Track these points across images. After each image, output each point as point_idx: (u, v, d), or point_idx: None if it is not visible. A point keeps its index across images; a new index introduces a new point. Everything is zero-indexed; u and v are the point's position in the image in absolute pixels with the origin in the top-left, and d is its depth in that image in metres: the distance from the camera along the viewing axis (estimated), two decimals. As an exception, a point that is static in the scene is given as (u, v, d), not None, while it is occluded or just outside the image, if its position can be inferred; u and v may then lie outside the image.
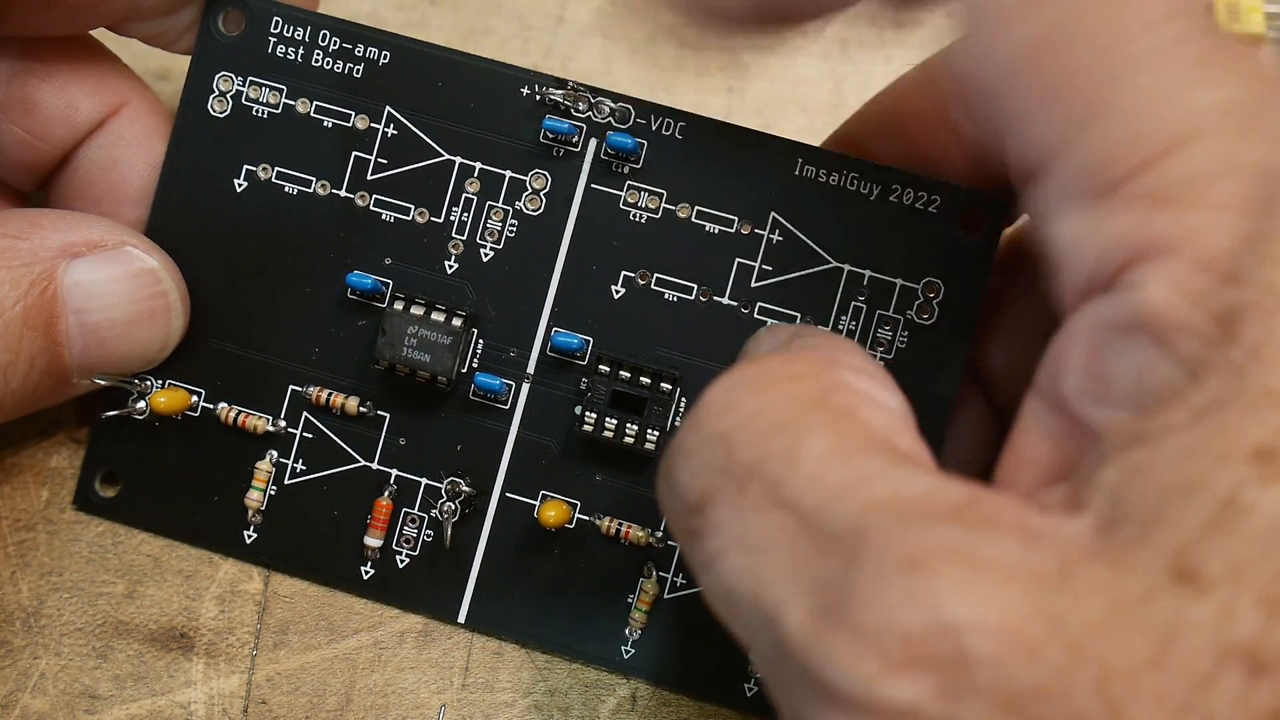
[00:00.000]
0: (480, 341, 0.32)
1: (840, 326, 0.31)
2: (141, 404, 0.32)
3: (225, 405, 0.32)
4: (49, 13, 0.30)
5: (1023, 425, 0.24)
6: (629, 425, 0.31)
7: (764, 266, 0.31)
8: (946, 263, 0.31)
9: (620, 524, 0.31)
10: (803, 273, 0.31)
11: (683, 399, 0.31)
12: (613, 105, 0.31)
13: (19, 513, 0.34)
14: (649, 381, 0.30)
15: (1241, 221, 0.21)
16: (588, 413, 0.31)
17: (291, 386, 0.32)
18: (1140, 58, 0.22)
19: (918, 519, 0.21)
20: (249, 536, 0.32)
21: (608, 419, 0.31)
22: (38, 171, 0.32)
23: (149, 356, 0.31)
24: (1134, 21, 0.22)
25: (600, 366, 0.31)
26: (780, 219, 0.31)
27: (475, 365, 0.32)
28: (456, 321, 0.31)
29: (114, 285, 0.30)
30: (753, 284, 0.31)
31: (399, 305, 0.31)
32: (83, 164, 0.32)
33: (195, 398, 0.32)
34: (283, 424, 0.32)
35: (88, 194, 0.32)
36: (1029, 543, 0.20)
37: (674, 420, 0.31)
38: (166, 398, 0.31)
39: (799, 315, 0.31)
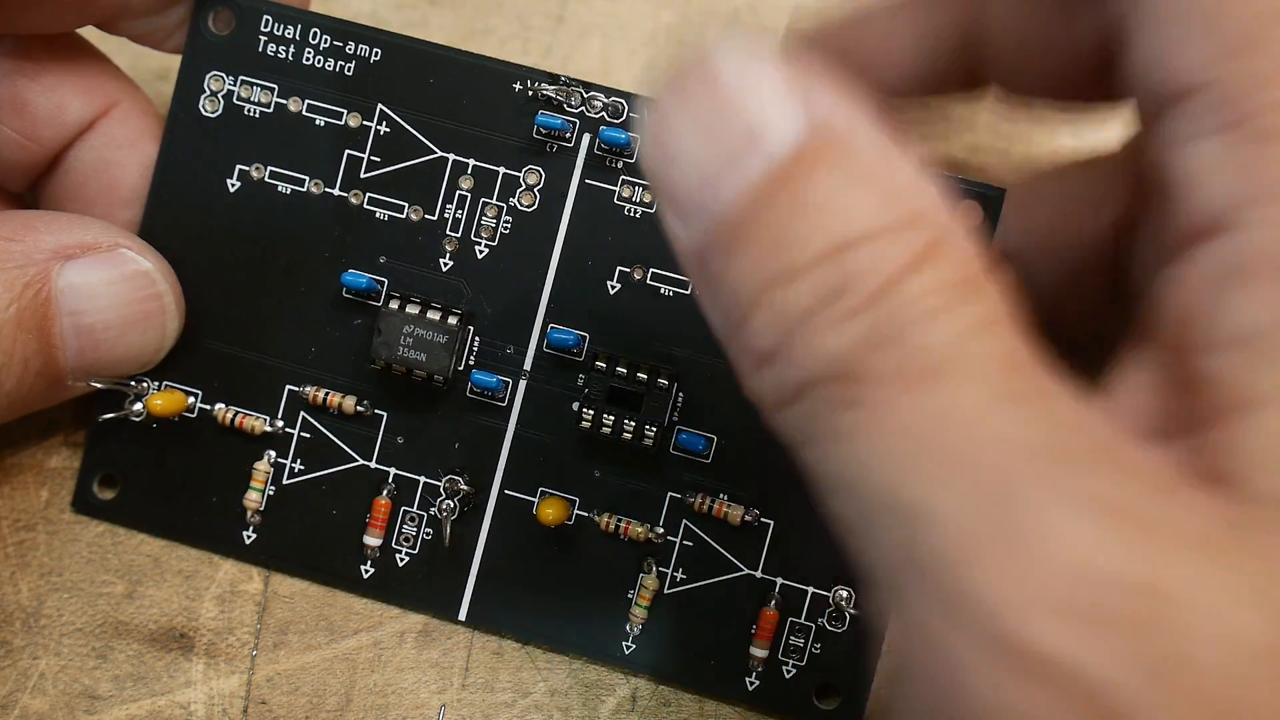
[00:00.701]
0: (476, 339, 0.32)
1: (838, 319, 0.31)
2: (138, 406, 0.32)
3: (222, 406, 0.32)
4: (37, 9, 0.30)
5: (1124, 376, 0.22)
6: (627, 421, 0.31)
7: None
8: None
9: (619, 520, 0.31)
10: None
11: (680, 394, 0.31)
12: (605, 100, 0.31)
13: (19, 513, 0.34)
14: (646, 377, 0.31)
15: None
16: (585, 409, 0.31)
17: (288, 386, 0.32)
18: None
19: (1095, 448, 0.19)
20: (248, 537, 0.32)
21: (605, 415, 0.31)
22: (29, 173, 0.32)
23: (144, 359, 0.31)
24: None
25: (597, 363, 0.31)
26: None
27: (472, 363, 0.32)
28: (452, 320, 0.31)
29: (108, 287, 0.30)
30: None
31: (394, 304, 0.31)
32: (74, 165, 0.32)
33: (192, 399, 0.32)
34: (280, 424, 0.32)
35: (80, 195, 0.32)
36: (1213, 522, 0.19)
37: (671, 415, 0.31)
38: (163, 400, 0.31)
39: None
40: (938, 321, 0.20)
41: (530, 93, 0.31)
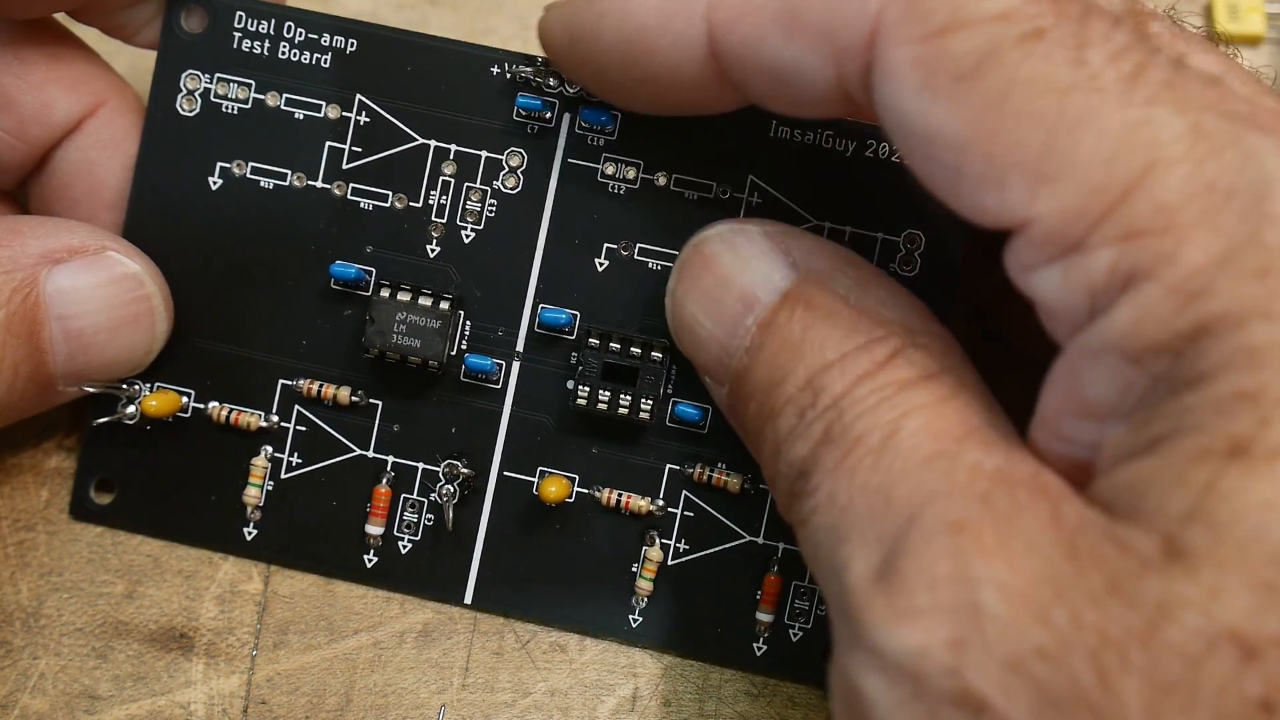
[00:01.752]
0: (468, 323, 0.32)
1: (825, 284, 0.31)
2: (131, 409, 0.32)
3: (216, 404, 0.32)
4: None
5: (1031, 441, 0.25)
6: (623, 396, 0.31)
7: None
8: (926, 215, 0.31)
9: (620, 494, 0.32)
10: None
11: (673, 366, 0.31)
12: (583, 79, 0.32)
13: (19, 513, 0.34)
14: (639, 352, 0.31)
15: (1213, 239, 0.21)
16: (580, 386, 0.31)
17: (281, 381, 0.32)
18: (1088, 107, 0.22)
19: (976, 495, 0.23)
20: (249, 533, 0.32)
21: (601, 391, 0.31)
22: (16, 172, 0.33)
23: (134, 361, 0.32)
24: (1073, 74, 0.22)
25: (590, 340, 0.31)
26: (758, 181, 0.31)
27: (464, 347, 0.32)
28: (444, 305, 0.31)
29: (96, 291, 0.30)
30: None
31: (384, 292, 0.31)
32: (60, 166, 0.32)
33: (185, 399, 0.32)
34: (275, 419, 0.32)
35: (65, 196, 0.32)
36: (1056, 527, 0.22)
37: (666, 388, 0.31)
38: (158, 400, 0.32)
39: (783, 275, 0.31)
40: (878, 411, 0.25)
41: (509, 75, 0.32)
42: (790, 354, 0.26)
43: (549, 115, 0.32)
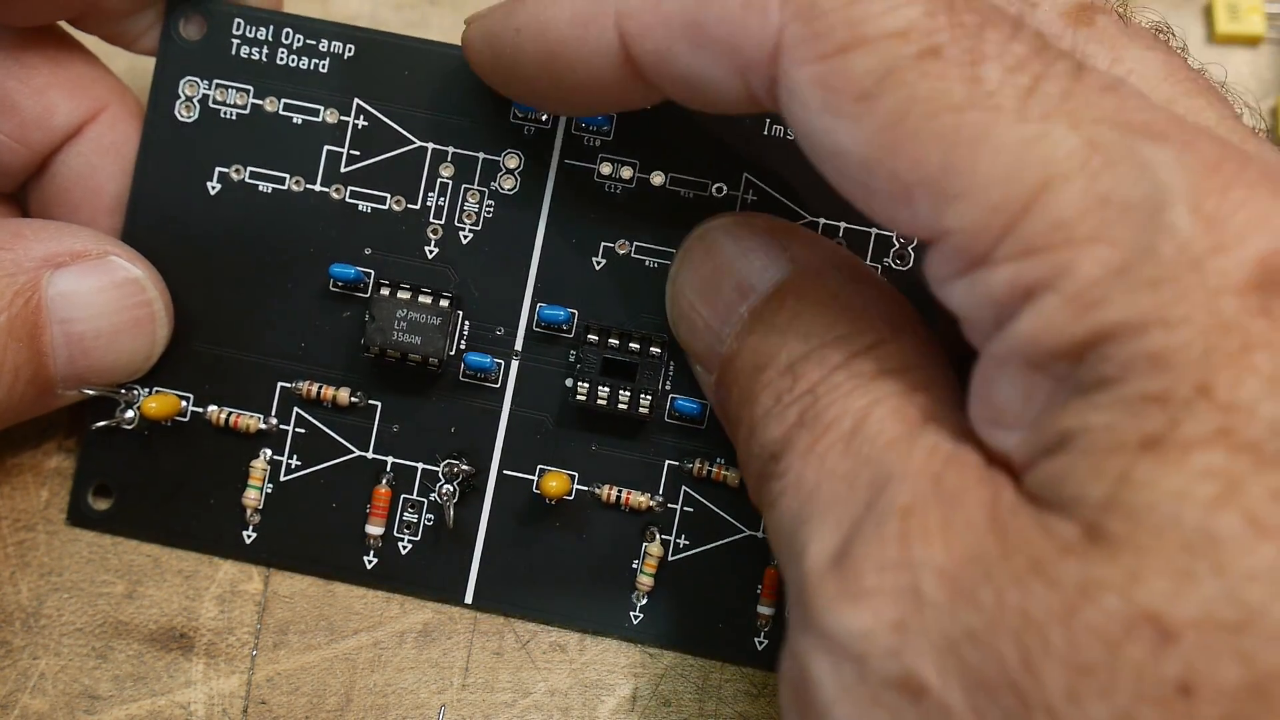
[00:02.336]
0: (466, 323, 0.32)
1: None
2: (130, 413, 0.32)
3: (215, 408, 0.33)
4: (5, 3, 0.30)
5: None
6: (622, 391, 0.31)
7: None
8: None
9: (620, 490, 0.32)
10: None
11: (671, 361, 0.32)
12: (579, 80, 0.32)
13: (19, 513, 0.34)
14: (638, 347, 0.31)
15: (1109, 252, 0.22)
16: (580, 383, 0.31)
17: (280, 383, 0.33)
18: (983, 125, 0.22)
19: (928, 481, 0.23)
20: (249, 536, 0.33)
21: (600, 387, 0.31)
22: (17, 175, 0.33)
23: (134, 366, 0.32)
24: (968, 91, 0.23)
25: (589, 336, 0.31)
26: (753, 179, 0.32)
27: (463, 346, 0.32)
28: (444, 302, 0.31)
29: (98, 295, 0.30)
30: None
31: (385, 291, 0.32)
32: (61, 170, 0.32)
33: (184, 403, 0.33)
34: (274, 421, 0.33)
35: (65, 200, 0.32)
36: (993, 511, 0.22)
37: (665, 383, 0.32)
38: (157, 403, 0.32)
39: (779, 271, 0.32)
40: (851, 398, 0.25)
41: None
42: (775, 341, 0.27)
43: (545, 117, 0.32)
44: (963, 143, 0.22)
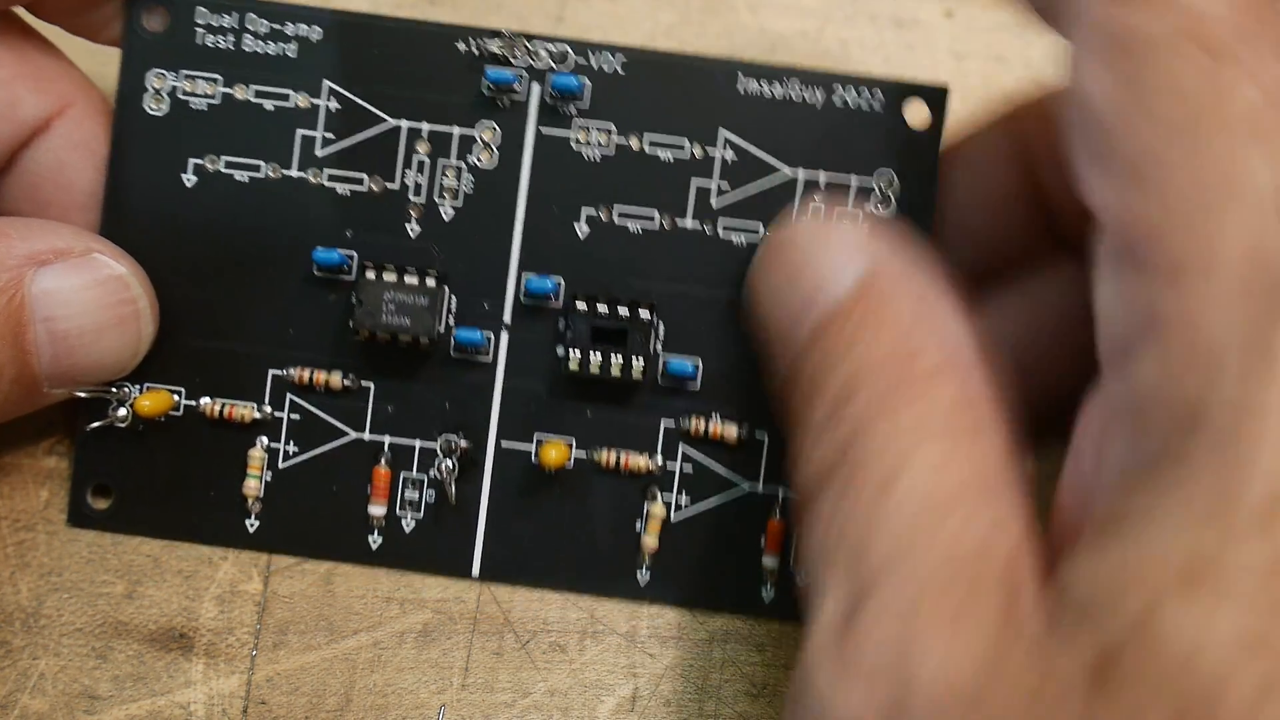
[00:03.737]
0: (453, 298, 0.33)
1: (803, 232, 0.32)
2: (123, 411, 0.32)
3: (208, 400, 0.33)
4: None
5: (1062, 489, 0.25)
6: (613, 357, 0.32)
7: (721, 185, 0.32)
8: (897, 153, 0.32)
9: (619, 454, 0.32)
10: (760, 185, 0.32)
11: (660, 323, 0.32)
12: (551, 49, 0.32)
13: (18, 513, 0.34)
14: (627, 313, 0.32)
15: (1241, 309, 0.21)
16: (571, 351, 0.32)
17: (271, 371, 0.33)
18: (1215, 131, 0.22)
19: (948, 564, 0.23)
20: (251, 526, 0.33)
21: (592, 354, 0.32)
22: None
23: (120, 364, 0.32)
24: (1221, 98, 0.22)
25: (577, 304, 0.32)
26: (730, 136, 0.32)
27: (451, 324, 0.33)
28: (430, 281, 0.32)
29: (82, 293, 0.31)
30: (713, 203, 0.32)
31: (370, 274, 0.32)
32: (29, 167, 0.32)
33: (176, 397, 0.33)
34: (268, 409, 0.33)
35: (35, 197, 0.32)
36: (1007, 616, 0.22)
37: (655, 345, 0.32)
38: (150, 400, 0.32)
39: (762, 225, 0.32)
40: (892, 439, 0.25)
41: (475, 51, 0.32)
42: (840, 350, 0.26)
43: (518, 87, 0.32)
44: (1177, 133, 0.22)
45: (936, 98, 0.32)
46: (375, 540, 0.33)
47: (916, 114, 0.32)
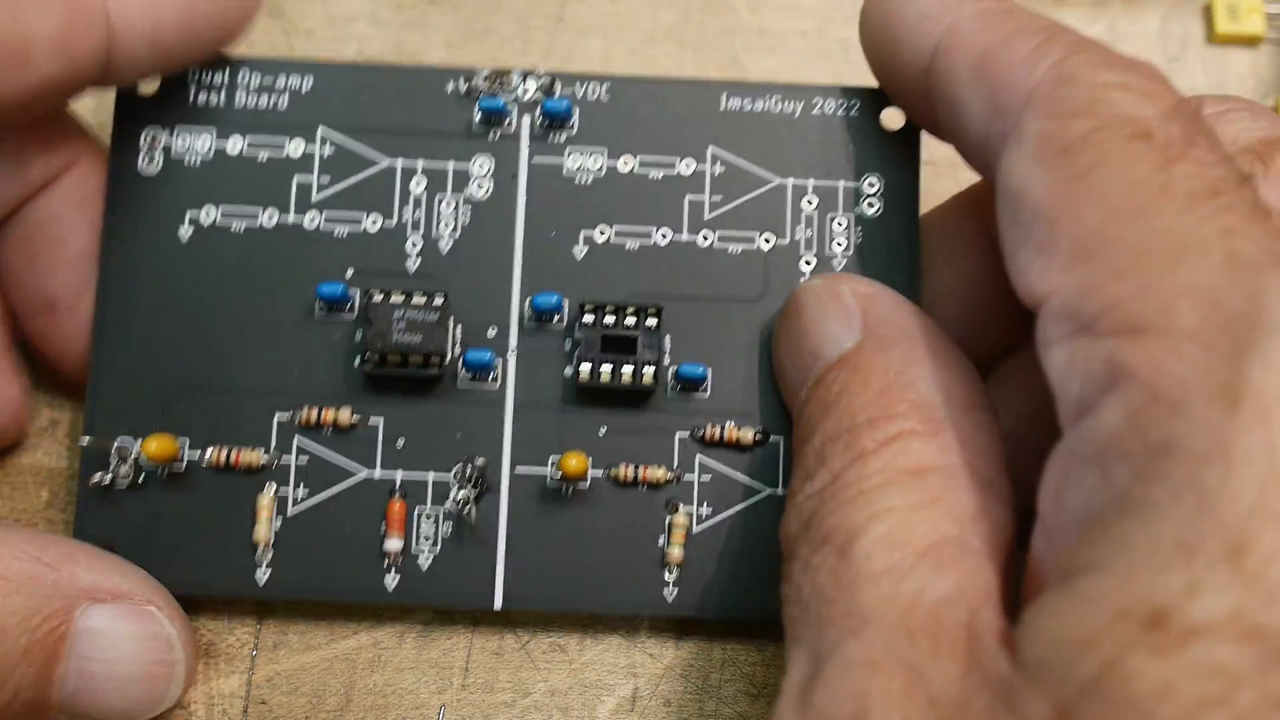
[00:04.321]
0: (459, 326, 0.33)
1: (798, 236, 0.33)
2: (125, 469, 0.32)
3: (214, 449, 0.32)
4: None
5: (1032, 543, 0.25)
6: (624, 366, 0.32)
7: (713, 198, 0.33)
8: (878, 157, 0.33)
9: (636, 467, 0.32)
10: (751, 195, 0.33)
11: (668, 335, 0.33)
12: (537, 82, 0.33)
13: (19, 513, 0.34)
14: (634, 321, 0.32)
15: (1203, 354, 0.22)
16: (582, 363, 0.32)
17: (277, 414, 0.32)
18: (1148, 205, 0.24)
19: (906, 624, 0.23)
20: (262, 577, 0.32)
21: (602, 364, 0.32)
22: None
23: (134, 714, 0.31)
24: (1152, 176, 0.24)
25: (585, 316, 0.32)
26: (718, 151, 0.33)
27: (457, 352, 0.33)
28: (438, 300, 0.32)
29: (126, 642, 0.30)
30: (706, 215, 0.33)
31: (378, 297, 0.32)
32: (26, 219, 0.32)
33: (181, 446, 0.32)
34: (276, 454, 0.32)
35: (26, 250, 0.32)
36: (966, 671, 0.22)
37: (665, 354, 0.32)
38: (157, 443, 0.31)
39: (757, 233, 0.33)
40: (851, 508, 0.26)
41: (463, 90, 0.33)
42: (819, 415, 0.28)
43: (509, 120, 0.33)
44: (1122, 214, 0.24)
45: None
46: (392, 580, 0.32)
47: (891, 118, 0.34)
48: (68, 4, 0.29)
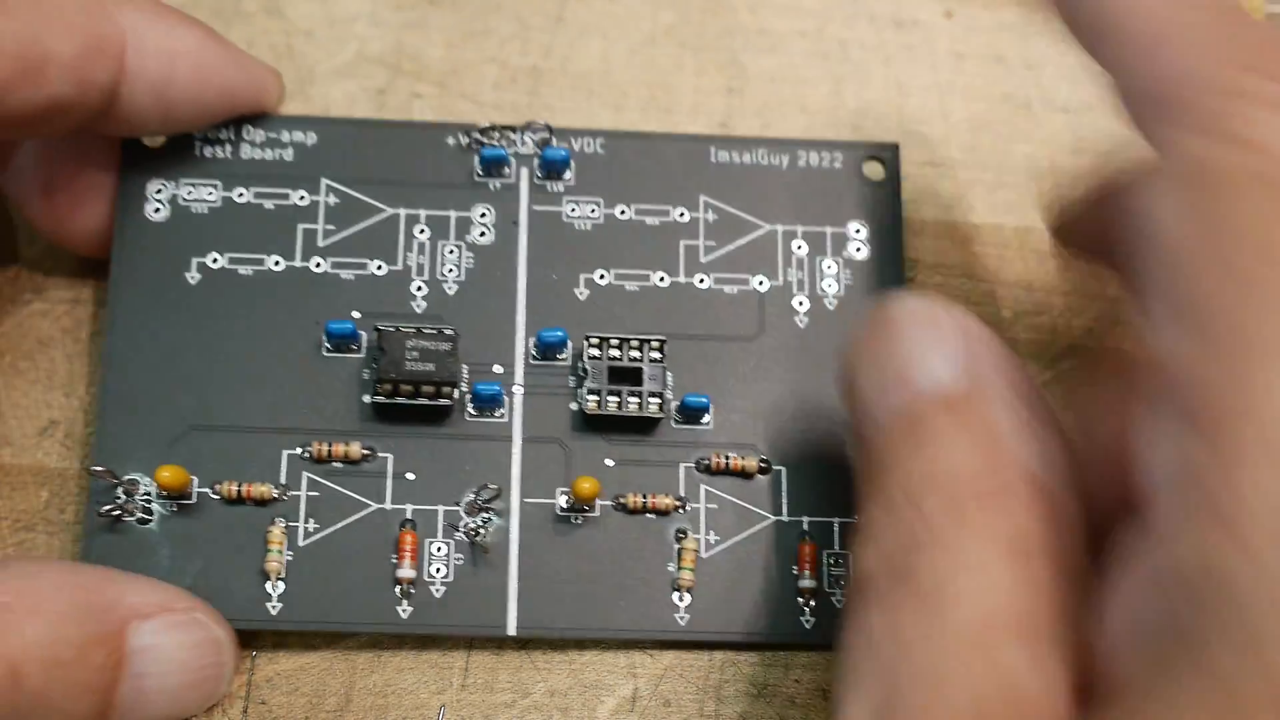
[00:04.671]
0: (464, 366, 0.33)
1: (790, 277, 0.35)
2: (133, 503, 0.32)
3: (225, 483, 0.32)
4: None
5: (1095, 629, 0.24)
6: (630, 396, 0.33)
7: (708, 243, 0.35)
8: (862, 205, 0.35)
9: (644, 497, 0.33)
10: (744, 240, 0.35)
11: (669, 373, 0.34)
12: (533, 136, 0.35)
13: (19, 513, 0.33)
14: (638, 354, 0.33)
15: (1270, 480, 0.20)
16: (588, 396, 0.33)
17: (285, 451, 0.33)
18: (1264, 281, 0.22)
19: (975, 702, 0.22)
20: (274, 608, 0.32)
21: (609, 396, 0.33)
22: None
23: (187, 714, 0.31)
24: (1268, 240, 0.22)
25: (590, 351, 0.33)
26: (710, 200, 0.35)
27: (464, 389, 0.33)
28: (449, 331, 0.33)
29: (178, 652, 0.30)
30: (702, 259, 0.35)
31: (389, 326, 0.32)
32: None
33: (193, 480, 0.32)
34: (284, 486, 0.32)
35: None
36: None
37: (667, 386, 0.33)
38: (170, 473, 0.31)
39: (751, 276, 0.35)
40: (943, 554, 0.24)
41: (464, 144, 0.35)
42: (910, 451, 0.26)
43: (508, 170, 0.35)
44: (1251, 283, 0.22)
45: (889, 155, 0.36)
46: (405, 610, 0.32)
47: (874, 170, 0.36)
48: (89, 33, 0.30)
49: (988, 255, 0.37)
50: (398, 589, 0.32)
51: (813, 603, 0.33)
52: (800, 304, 0.35)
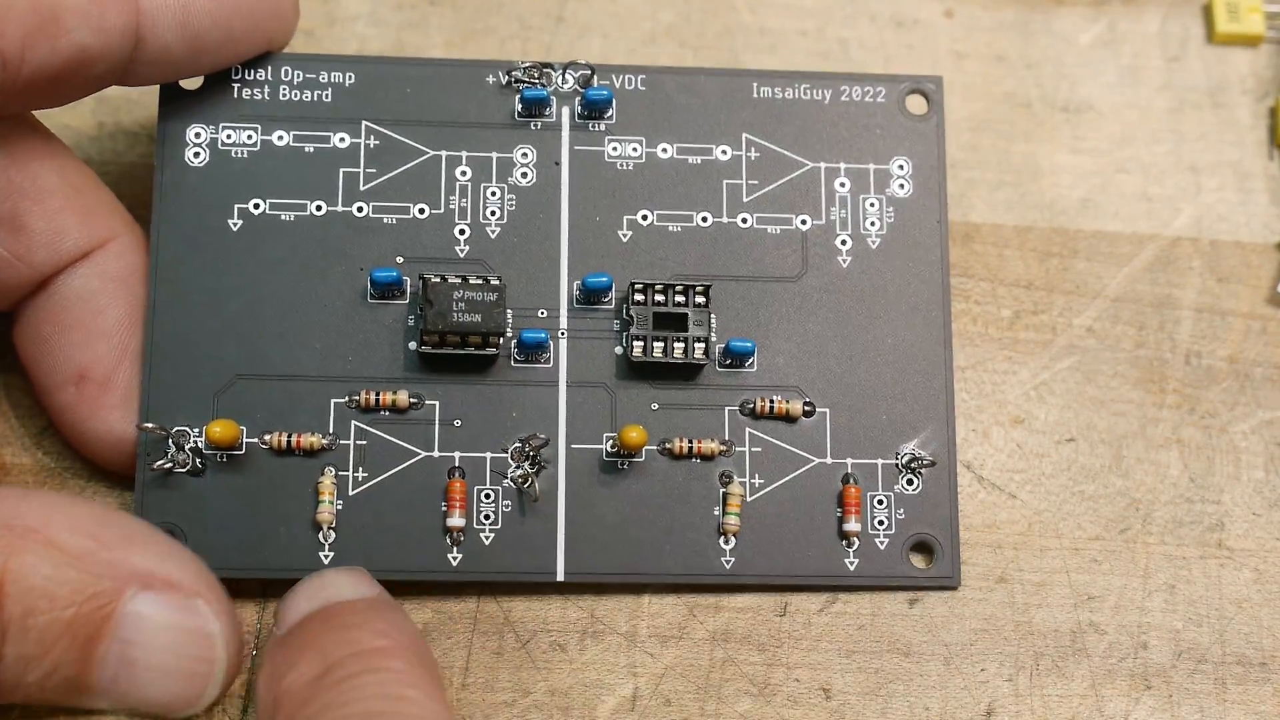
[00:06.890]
0: (509, 311, 0.33)
1: (833, 216, 0.35)
2: (184, 455, 0.32)
3: (272, 434, 0.32)
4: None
5: None
6: (676, 342, 0.33)
7: (750, 181, 0.35)
8: (905, 140, 0.35)
9: (690, 441, 0.33)
10: (786, 179, 0.35)
11: (714, 316, 0.34)
12: (574, 75, 0.35)
13: None
14: (683, 299, 0.33)
15: None
16: (635, 340, 0.33)
17: (333, 400, 0.33)
18: None
19: None
20: (326, 556, 0.32)
21: (654, 341, 0.33)
22: (13, 292, 0.33)
23: (175, 708, 0.31)
24: None
25: (635, 295, 0.33)
26: (753, 138, 0.35)
27: (509, 334, 0.33)
28: (495, 281, 0.33)
29: (167, 632, 0.30)
30: (744, 199, 0.35)
31: (435, 278, 0.32)
32: (61, 290, 0.33)
33: (242, 430, 0.32)
34: (334, 437, 0.33)
35: (60, 321, 0.33)
36: None
37: (712, 330, 0.34)
38: (221, 427, 0.32)
39: (794, 215, 0.34)
40: None
41: (504, 82, 0.34)
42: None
43: (549, 110, 0.34)
44: None
45: (932, 88, 0.35)
46: (455, 556, 0.32)
47: (917, 104, 0.35)
48: None
49: (988, 255, 0.38)
50: (448, 537, 0.33)
51: (856, 543, 0.33)
52: (843, 243, 0.35)
